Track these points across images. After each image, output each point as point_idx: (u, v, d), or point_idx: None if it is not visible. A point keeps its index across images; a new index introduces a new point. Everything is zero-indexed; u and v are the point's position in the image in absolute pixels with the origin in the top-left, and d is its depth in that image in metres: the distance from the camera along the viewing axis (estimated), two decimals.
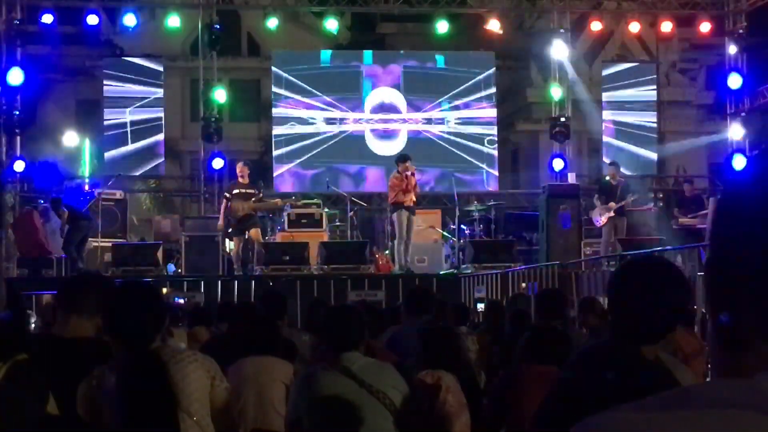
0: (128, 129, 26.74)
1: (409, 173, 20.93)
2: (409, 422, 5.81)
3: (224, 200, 21.59)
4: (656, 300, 3.83)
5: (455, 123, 28.84)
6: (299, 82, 28.55)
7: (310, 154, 28.32)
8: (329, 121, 28.66)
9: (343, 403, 5.61)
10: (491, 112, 29.30)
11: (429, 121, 28.84)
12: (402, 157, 21.50)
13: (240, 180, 21.47)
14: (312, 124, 28.55)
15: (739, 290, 1.23)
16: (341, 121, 28.69)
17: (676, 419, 1.12)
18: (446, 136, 28.75)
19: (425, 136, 28.73)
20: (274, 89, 28.90)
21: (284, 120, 28.57)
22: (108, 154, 26.94)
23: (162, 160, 27.53)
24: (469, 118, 28.90)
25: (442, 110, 28.81)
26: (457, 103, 28.83)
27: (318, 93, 28.55)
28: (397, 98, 28.83)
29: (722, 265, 1.26)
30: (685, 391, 1.19)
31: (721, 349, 1.26)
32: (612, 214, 21.86)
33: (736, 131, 27.84)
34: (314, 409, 5.72)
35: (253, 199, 21.22)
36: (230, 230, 21.71)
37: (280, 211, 23.36)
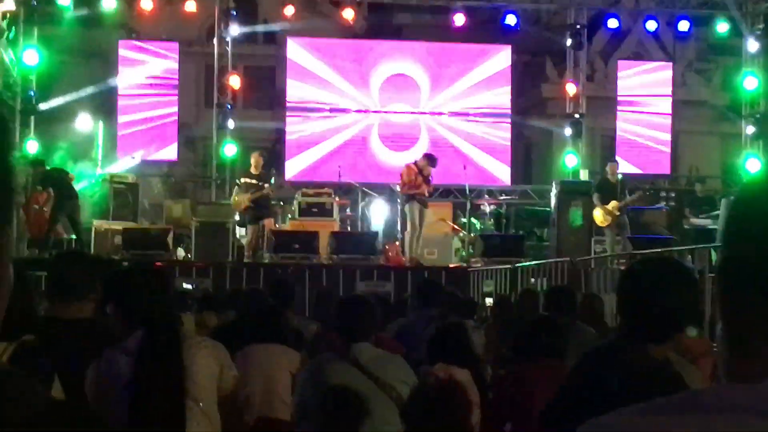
0: (142, 113, 26.77)
1: (424, 172, 20.92)
2: (419, 416, 5.79)
3: (236, 187, 21.82)
4: (666, 300, 3.82)
5: (469, 115, 28.79)
6: (315, 71, 28.53)
7: (322, 143, 28.31)
8: (344, 110, 28.64)
9: (351, 394, 5.60)
10: (506, 106, 29.26)
11: (443, 113, 28.80)
12: (428, 157, 21.45)
13: (252, 170, 21.61)
14: (326, 113, 28.52)
15: (750, 294, 1.22)
16: (356, 110, 28.66)
17: (684, 423, 1.12)
18: (460, 128, 28.71)
19: (439, 127, 28.69)
20: (290, 77, 28.90)
21: (298, 108, 28.56)
22: (121, 138, 26.97)
23: (175, 145, 27.54)
24: (483, 112, 28.85)
25: (457, 103, 28.76)
26: (471, 95, 28.77)
27: (333, 82, 28.53)
28: (410, 91, 28.79)
29: (733, 268, 1.25)
30: (695, 394, 1.19)
31: (730, 353, 1.25)
32: (617, 213, 21.54)
33: (750, 133, 27.75)
34: (322, 399, 5.71)
35: (252, 190, 21.29)
36: (247, 218, 21.80)
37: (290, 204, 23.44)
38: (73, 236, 21.31)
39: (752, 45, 27.54)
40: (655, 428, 1.13)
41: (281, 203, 23.66)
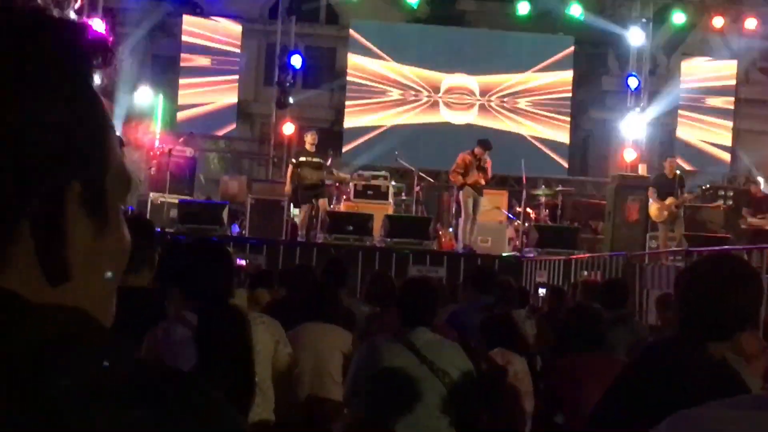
0: (203, 88, 26.91)
1: (481, 161, 20.82)
2: (473, 400, 5.78)
3: (291, 166, 21.66)
4: (730, 298, 3.78)
5: (529, 105, 28.71)
6: (376, 54, 28.55)
7: (380, 126, 28.34)
8: (403, 95, 28.64)
9: (404, 377, 5.60)
10: (566, 97, 29.13)
11: (503, 101, 28.72)
12: (482, 143, 21.32)
13: (307, 148, 21.52)
14: (385, 96, 28.54)
15: None
16: (415, 95, 28.66)
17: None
18: (520, 117, 28.63)
19: (499, 115, 28.62)
20: (351, 59, 28.93)
21: (358, 90, 28.60)
22: (181, 112, 27.14)
23: (234, 121, 27.64)
24: (544, 101, 28.76)
25: (517, 91, 28.69)
26: (532, 85, 28.68)
27: (393, 66, 28.53)
28: (471, 77, 28.76)
29: None
30: None
31: None
32: (674, 209, 21.39)
33: None
34: (374, 380, 5.72)
35: (319, 169, 21.22)
36: (298, 197, 21.78)
37: (346, 184, 23.43)
38: (130, 207, 21.45)
39: None
40: (743, 423, 1.11)
41: (337, 184, 23.65)
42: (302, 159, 21.41)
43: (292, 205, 22.52)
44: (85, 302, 1.13)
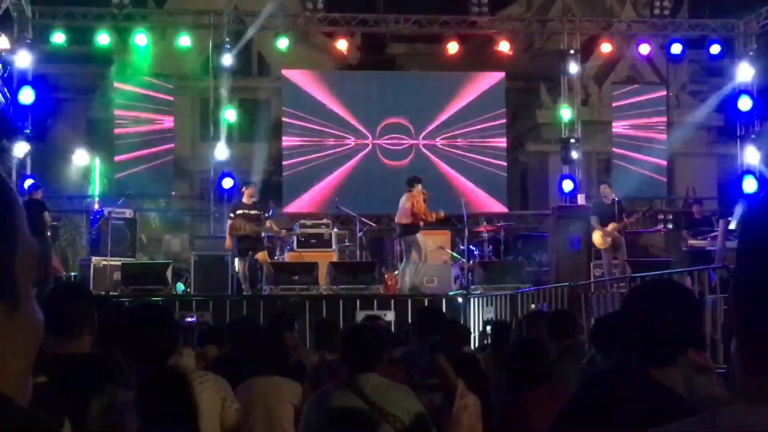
0: (138, 148, 26.78)
1: (420, 197, 20.91)
2: None
3: (230, 220, 21.58)
4: (670, 323, 3.81)
5: (465, 143, 28.83)
6: (309, 103, 28.58)
7: (319, 174, 28.33)
8: (338, 141, 28.68)
9: (354, 423, 5.57)
10: (501, 133, 29.29)
11: (438, 141, 28.83)
12: (412, 180, 21.43)
13: (245, 201, 21.41)
14: (321, 144, 28.56)
15: (765, 310, 1.20)
16: (352, 141, 28.70)
17: None
18: (456, 156, 28.73)
19: (435, 156, 28.72)
20: (285, 108, 28.95)
21: (294, 140, 28.60)
22: (118, 173, 26.97)
23: (172, 178, 27.53)
24: (478, 138, 28.89)
25: (451, 131, 28.80)
26: (466, 123, 28.82)
27: (328, 113, 28.57)
28: (405, 120, 28.85)
29: (748, 284, 1.24)
30: (714, 416, 1.18)
31: (748, 373, 1.24)
32: (617, 234, 21.49)
33: (746, 153, 27.76)
34: (325, 428, 5.69)
35: (256, 221, 21.09)
36: (236, 250, 21.68)
37: (282, 240, 23.37)
38: (73, 273, 21.25)
39: (745, 66, 27.62)
40: None
41: (281, 234, 23.57)
42: (239, 212, 21.31)
43: (235, 259, 22.42)
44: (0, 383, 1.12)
